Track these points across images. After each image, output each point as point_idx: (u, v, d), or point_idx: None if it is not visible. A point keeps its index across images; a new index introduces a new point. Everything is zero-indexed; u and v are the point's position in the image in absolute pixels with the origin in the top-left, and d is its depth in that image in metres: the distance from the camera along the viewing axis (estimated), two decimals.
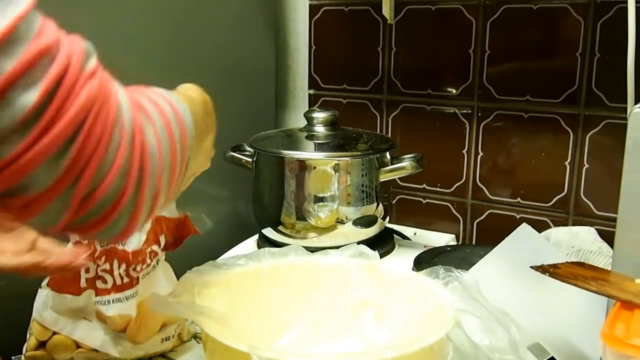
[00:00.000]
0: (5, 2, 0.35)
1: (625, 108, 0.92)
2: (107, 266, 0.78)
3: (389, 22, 1.20)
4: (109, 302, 0.78)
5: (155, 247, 0.81)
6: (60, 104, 0.37)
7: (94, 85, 0.39)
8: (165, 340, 0.82)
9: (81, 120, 0.38)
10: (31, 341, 0.79)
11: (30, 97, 0.36)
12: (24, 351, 0.80)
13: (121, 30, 0.98)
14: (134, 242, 0.78)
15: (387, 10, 1.17)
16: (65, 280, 0.78)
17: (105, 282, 0.78)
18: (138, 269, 0.79)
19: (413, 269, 0.96)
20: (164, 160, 0.45)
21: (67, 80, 0.37)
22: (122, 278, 0.79)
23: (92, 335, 0.79)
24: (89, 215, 0.41)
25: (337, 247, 0.79)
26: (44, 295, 0.79)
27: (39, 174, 0.37)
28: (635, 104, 0.72)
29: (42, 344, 0.79)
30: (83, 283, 0.78)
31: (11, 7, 0.35)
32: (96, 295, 0.78)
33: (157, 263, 0.82)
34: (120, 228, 0.43)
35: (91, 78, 0.39)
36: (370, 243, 0.93)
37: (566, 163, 1.12)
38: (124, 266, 0.79)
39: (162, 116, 0.46)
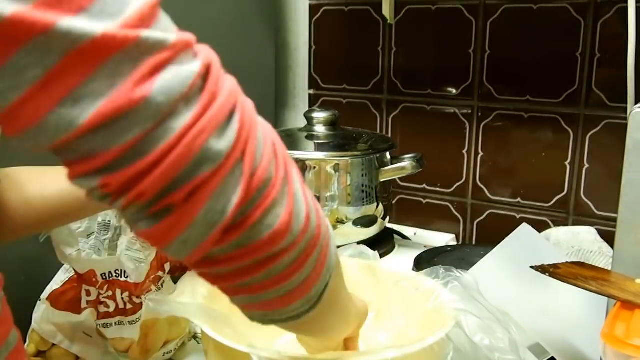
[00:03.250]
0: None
1: (626, 108, 0.92)
2: (110, 293, 0.77)
3: (389, 22, 1.20)
4: (110, 325, 0.78)
5: (160, 273, 0.80)
6: (216, 80, 0.36)
7: (230, 79, 0.39)
8: (167, 354, 0.82)
9: (235, 99, 0.37)
10: (30, 348, 0.78)
11: (193, 67, 0.35)
12: None
13: None
14: (135, 275, 0.77)
15: (387, 10, 1.17)
16: (66, 299, 0.77)
17: (107, 306, 0.77)
18: (142, 297, 0.78)
19: (413, 269, 0.96)
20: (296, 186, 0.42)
21: (215, 66, 0.37)
22: (125, 304, 0.78)
23: (91, 351, 0.78)
24: (255, 198, 0.37)
25: (337, 247, 0.79)
26: (42, 309, 0.77)
27: (211, 146, 0.35)
28: (636, 104, 0.72)
29: (41, 352, 0.79)
30: (84, 304, 0.77)
31: None
32: (98, 318, 0.77)
33: (162, 285, 0.81)
34: (278, 215, 0.38)
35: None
36: (370, 243, 0.93)
37: (566, 163, 1.12)
38: (127, 293, 0.78)
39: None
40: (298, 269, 0.41)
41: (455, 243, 1.21)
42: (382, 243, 1.10)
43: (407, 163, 1.06)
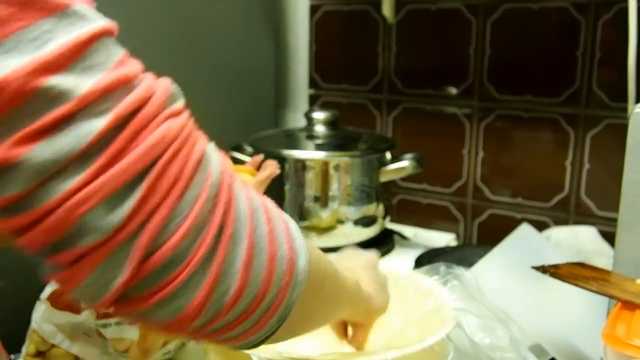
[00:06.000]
0: (74, 20, 0.32)
1: (626, 108, 0.93)
2: None
3: (389, 22, 1.20)
4: (110, 325, 0.77)
5: None
6: (132, 136, 0.32)
7: (176, 123, 0.35)
8: (167, 354, 0.82)
9: (155, 157, 0.33)
10: (30, 348, 0.78)
11: (97, 124, 0.31)
12: (23, 353, 0.79)
13: (121, 30, 0.98)
14: None
15: (387, 10, 1.17)
16: (66, 299, 0.76)
17: None
18: None
19: (413, 269, 0.96)
20: (258, 237, 0.38)
21: (144, 112, 0.33)
22: None
23: (91, 351, 0.78)
24: (149, 280, 0.34)
25: (338, 248, 0.79)
26: (42, 309, 0.76)
27: (96, 216, 0.32)
28: (636, 103, 0.72)
29: (41, 352, 0.78)
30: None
31: (81, 25, 0.33)
32: (97, 318, 0.77)
33: None
34: (182, 304, 0.35)
35: (174, 116, 0.35)
36: (370, 243, 0.93)
37: (567, 163, 1.12)
38: None
39: (265, 211, 0.39)
40: (233, 328, 0.38)
41: (455, 243, 1.21)
42: (382, 243, 1.10)
43: (407, 163, 1.06)
